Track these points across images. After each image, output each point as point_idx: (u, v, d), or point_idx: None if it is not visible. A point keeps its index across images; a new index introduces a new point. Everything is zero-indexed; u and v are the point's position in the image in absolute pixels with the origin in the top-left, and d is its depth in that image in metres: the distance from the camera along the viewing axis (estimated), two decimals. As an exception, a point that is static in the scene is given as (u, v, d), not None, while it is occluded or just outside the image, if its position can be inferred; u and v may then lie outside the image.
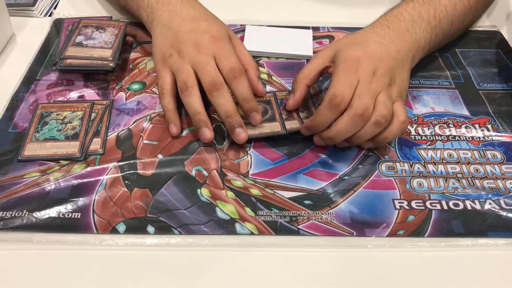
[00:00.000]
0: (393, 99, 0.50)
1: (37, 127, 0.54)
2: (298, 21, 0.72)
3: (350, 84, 0.49)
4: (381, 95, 0.49)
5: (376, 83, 0.49)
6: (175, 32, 0.55)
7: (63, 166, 0.50)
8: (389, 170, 0.51)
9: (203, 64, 0.52)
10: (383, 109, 0.48)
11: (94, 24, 0.65)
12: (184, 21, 0.56)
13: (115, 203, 0.47)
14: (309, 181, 0.50)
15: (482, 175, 0.51)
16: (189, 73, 0.52)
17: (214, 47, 0.53)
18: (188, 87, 0.52)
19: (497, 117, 0.58)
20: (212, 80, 0.51)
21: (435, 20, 0.59)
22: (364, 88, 0.49)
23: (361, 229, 0.46)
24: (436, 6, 0.60)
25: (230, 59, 0.53)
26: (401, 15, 0.58)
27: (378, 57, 0.52)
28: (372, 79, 0.50)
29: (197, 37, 0.54)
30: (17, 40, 0.68)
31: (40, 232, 0.45)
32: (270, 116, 0.56)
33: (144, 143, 0.53)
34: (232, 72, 0.52)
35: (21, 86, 0.60)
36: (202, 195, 0.48)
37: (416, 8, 0.59)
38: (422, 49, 0.58)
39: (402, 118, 0.50)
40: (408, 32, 0.56)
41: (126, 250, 0.44)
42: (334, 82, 0.50)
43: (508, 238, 0.46)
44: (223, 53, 0.53)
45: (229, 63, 0.52)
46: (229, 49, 0.54)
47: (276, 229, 0.46)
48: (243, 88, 0.52)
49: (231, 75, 0.52)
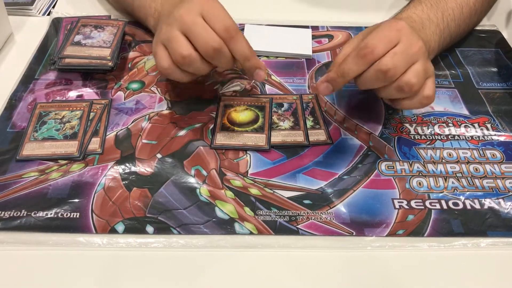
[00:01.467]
0: (430, 73, 0.49)
1: (36, 127, 0.54)
2: (297, 20, 0.72)
3: (387, 40, 0.47)
4: (419, 63, 0.48)
5: (419, 50, 0.48)
6: (169, 13, 0.52)
7: (61, 165, 0.50)
8: (388, 169, 0.51)
9: (192, 25, 0.48)
10: (412, 77, 0.47)
11: (92, 23, 0.65)
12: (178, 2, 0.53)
13: (114, 203, 0.47)
14: (309, 180, 0.50)
15: (482, 175, 0.51)
16: (178, 41, 0.48)
17: (201, 4, 0.49)
18: (185, 57, 0.48)
19: (496, 116, 0.58)
20: (207, 44, 0.47)
21: (443, 23, 0.59)
22: (403, 49, 0.47)
23: (360, 229, 0.46)
24: (444, 9, 0.60)
25: (221, 17, 0.48)
26: (411, 18, 0.57)
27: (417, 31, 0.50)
28: (416, 43, 0.48)
29: (186, 2, 0.50)
30: (16, 39, 0.68)
31: (39, 232, 0.45)
32: (293, 122, 0.56)
33: (143, 143, 0.53)
34: (227, 31, 0.48)
35: (20, 86, 0.59)
36: (201, 194, 0.48)
37: (425, 11, 0.58)
38: (432, 51, 0.58)
39: (429, 93, 0.48)
40: (420, 33, 0.56)
41: (125, 250, 0.44)
42: (371, 35, 0.48)
43: (507, 238, 0.46)
44: (213, 11, 0.49)
45: (221, 22, 0.48)
46: (217, 4, 0.50)
47: (276, 228, 0.46)
48: (242, 47, 0.49)
49: (227, 35, 0.48)
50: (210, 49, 0.48)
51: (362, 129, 0.55)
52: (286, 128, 0.55)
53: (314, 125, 0.55)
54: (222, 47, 0.48)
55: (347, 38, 0.69)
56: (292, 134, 0.54)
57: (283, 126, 0.55)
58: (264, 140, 0.53)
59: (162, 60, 0.50)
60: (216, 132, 0.54)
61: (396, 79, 0.47)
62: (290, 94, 0.60)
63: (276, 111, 0.57)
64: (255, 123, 0.55)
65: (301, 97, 0.59)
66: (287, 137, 0.54)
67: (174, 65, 0.50)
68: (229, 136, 0.54)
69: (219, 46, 0.48)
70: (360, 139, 0.54)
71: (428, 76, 0.49)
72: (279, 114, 0.57)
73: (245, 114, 0.56)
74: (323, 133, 0.55)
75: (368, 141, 0.54)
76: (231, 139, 0.53)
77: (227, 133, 0.54)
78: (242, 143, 0.53)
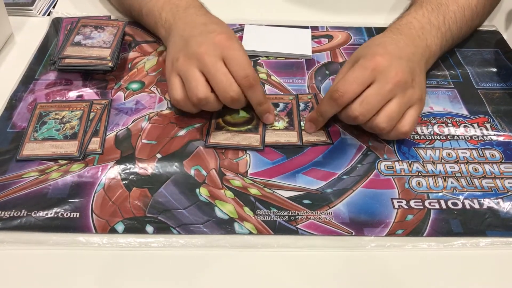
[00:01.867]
0: (412, 103, 0.50)
1: (36, 127, 0.54)
2: (297, 20, 0.72)
3: (358, 82, 0.48)
4: (394, 102, 0.49)
5: (395, 85, 0.48)
6: (185, 38, 0.53)
7: (61, 165, 0.50)
8: (388, 169, 0.51)
9: (213, 71, 0.49)
10: (382, 122, 0.48)
11: (92, 23, 0.65)
12: (195, 27, 0.54)
13: (114, 203, 0.47)
14: (308, 180, 0.50)
15: (481, 175, 0.51)
16: (197, 81, 0.50)
17: (222, 46, 0.50)
18: (202, 99, 0.50)
19: (495, 116, 0.58)
20: (227, 93, 0.49)
21: (445, 26, 0.59)
22: (374, 91, 0.48)
23: (360, 229, 0.46)
24: (446, 13, 0.60)
25: (242, 65, 0.50)
26: (411, 23, 0.57)
27: (398, 57, 0.51)
28: (392, 79, 0.48)
29: (204, 37, 0.52)
30: (16, 40, 0.68)
31: (39, 232, 0.45)
32: (288, 123, 0.56)
33: (143, 143, 0.53)
34: (247, 80, 0.50)
35: (20, 86, 0.60)
36: (201, 194, 0.48)
37: (425, 15, 0.58)
38: (434, 55, 0.58)
39: (404, 129, 0.50)
40: (419, 38, 0.56)
41: (125, 250, 0.44)
42: (346, 75, 0.50)
43: (506, 238, 0.46)
44: (234, 57, 0.50)
45: (243, 70, 0.50)
46: (239, 50, 0.51)
47: (275, 228, 0.46)
48: (258, 94, 0.52)
49: (246, 83, 0.50)
50: (229, 98, 0.50)
51: (361, 129, 0.55)
52: (281, 129, 0.55)
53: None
54: (240, 97, 0.50)
55: (346, 39, 0.70)
56: (286, 134, 0.54)
57: (277, 127, 0.55)
58: (259, 140, 0.54)
59: (176, 92, 0.52)
60: (211, 131, 0.54)
61: (368, 121, 0.49)
62: (286, 94, 0.60)
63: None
64: (250, 123, 0.55)
65: (297, 97, 0.59)
66: (281, 137, 0.54)
67: (187, 100, 0.51)
68: (224, 135, 0.54)
69: (237, 96, 0.50)
70: (359, 139, 0.54)
71: (411, 105, 0.50)
72: (275, 114, 0.57)
73: (239, 114, 0.56)
74: (323, 133, 0.55)
75: (368, 141, 0.54)
76: (226, 139, 0.53)
77: (222, 132, 0.54)
78: (236, 143, 0.53)
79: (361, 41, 0.69)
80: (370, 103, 0.48)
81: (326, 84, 0.62)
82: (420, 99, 0.51)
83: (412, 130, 0.50)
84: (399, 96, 0.49)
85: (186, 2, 0.60)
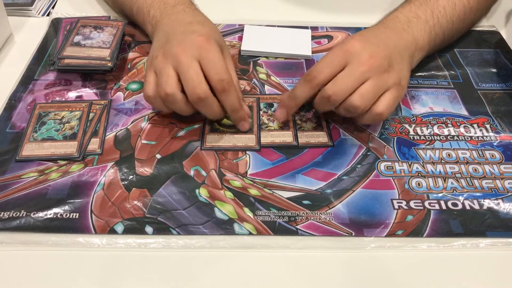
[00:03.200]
0: (387, 86, 0.50)
1: (35, 127, 0.54)
2: (297, 21, 0.72)
3: (332, 64, 0.49)
4: (368, 83, 0.48)
5: (369, 67, 0.48)
6: (168, 35, 0.53)
7: (61, 166, 0.50)
8: (387, 170, 0.51)
9: (185, 68, 0.48)
10: (356, 100, 0.48)
11: (92, 24, 0.65)
12: (180, 25, 0.54)
13: (113, 204, 0.47)
14: (308, 181, 0.50)
15: (481, 175, 0.51)
16: (169, 76, 0.49)
17: (200, 47, 0.50)
18: (169, 95, 0.49)
19: (495, 117, 0.58)
20: (194, 90, 0.48)
21: (433, 20, 0.59)
22: (347, 73, 0.48)
23: (359, 229, 0.46)
24: (434, 7, 0.60)
25: (217, 68, 0.49)
26: (396, 18, 0.58)
27: (375, 44, 0.51)
28: (365, 62, 0.49)
29: (184, 37, 0.51)
30: (15, 40, 0.68)
31: (38, 232, 0.45)
32: (282, 123, 0.56)
33: (142, 143, 0.53)
34: (220, 83, 0.49)
35: (19, 86, 0.59)
36: (201, 195, 0.48)
37: (412, 10, 0.59)
38: (421, 49, 0.58)
39: (379, 110, 0.49)
40: (405, 32, 0.56)
41: (124, 251, 0.44)
42: (320, 59, 0.50)
43: (506, 238, 0.46)
44: (210, 59, 0.49)
45: (217, 74, 0.49)
46: (216, 53, 0.50)
47: (275, 229, 0.46)
48: (232, 100, 0.50)
49: (220, 87, 0.49)
50: (196, 96, 0.49)
51: (361, 129, 0.55)
52: (276, 129, 0.55)
53: (316, 127, 0.55)
54: (207, 97, 0.49)
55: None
56: (282, 134, 0.54)
57: (272, 127, 0.55)
58: (254, 141, 0.53)
59: (148, 88, 0.51)
60: (206, 134, 0.54)
61: (342, 102, 0.49)
62: (280, 94, 0.60)
63: (266, 112, 0.57)
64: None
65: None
66: (276, 137, 0.54)
67: (158, 97, 0.51)
68: (219, 137, 0.54)
69: (204, 95, 0.49)
70: (359, 139, 0.54)
71: (387, 89, 0.50)
72: (269, 115, 0.57)
73: None
74: (324, 135, 0.55)
75: (368, 141, 0.54)
76: (221, 141, 0.53)
77: (217, 134, 0.54)
78: (232, 144, 0.53)
79: (361, 42, 0.69)
80: (343, 83, 0.48)
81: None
82: (398, 84, 0.50)
83: (388, 112, 0.50)
84: (373, 78, 0.49)
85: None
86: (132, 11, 0.65)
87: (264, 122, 0.56)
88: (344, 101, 0.49)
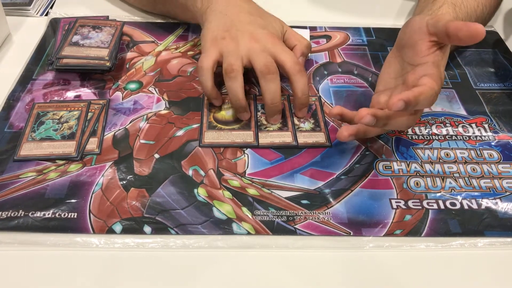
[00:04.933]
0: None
1: (34, 127, 0.54)
2: (295, 20, 0.72)
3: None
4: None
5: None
6: (232, 19, 0.56)
7: (59, 166, 0.50)
8: (386, 169, 0.51)
9: (258, 51, 0.53)
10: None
11: (90, 23, 0.65)
12: (241, 12, 0.57)
13: (112, 203, 0.47)
14: (306, 180, 0.50)
15: (479, 175, 0.51)
16: (237, 57, 0.53)
17: (271, 41, 0.54)
18: (234, 70, 0.52)
19: (493, 116, 0.58)
20: (265, 64, 0.52)
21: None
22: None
23: (358, 229, 0.46)
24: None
25: (288, 55, 0.53)
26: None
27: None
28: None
29: (256, 30, 0.55)
30: (13, 40, 0.68)
31: (36, 232, 0.45)
32: (281, 123, 0.56)
33: (141, 143, 0.53)
34: (292, 68, 0.53)
35: (17, 86, 0.59)
36: (199, 195, 0.48)
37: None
38: None
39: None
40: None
41: (123, 251, 0.44)
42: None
43: (504, 238, 0.46)
44: (281, 48, 0.54)
45: (289, 59, 0.53)
46: (285, 47, 0.55)
47: (273, 229, 0.46)
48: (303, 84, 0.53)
49: (292, 71, 0.53)
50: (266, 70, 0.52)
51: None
52: (275, 129, 0.55)
53: (315, 127, 0.55)
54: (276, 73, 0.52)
55: (345, 39, 0.70)
56: (281, 135, 0.54)
57: (271, 127, 0.55)
58: (252, 137, 0.54)
59: (207, 60, 0.53)
60: (204, 131, 0.54)
61: None
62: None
63: (264, 113, 0.57)
64: (241, 121, 0.55)
65: (288, 97, 0.59)
66: (275, 138, 0.54)
67: (211, 70, 0.53)
68: (217, 134, 0.54)
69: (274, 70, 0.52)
70: (358, 139, 0.54)
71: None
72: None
73: (230, 113, 0.56)
74: (323, 135, 0.55)
75: (366, 141, 0.54)
76: (219, 137, 0.53)
77: (215, 131, 0.54)
78: (230, 141, 0.53)
79: (359, 41, 0.69)
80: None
81: (324, 85, 0.62)
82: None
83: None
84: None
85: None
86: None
87: (262, 123, 0.56)
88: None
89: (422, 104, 0.45)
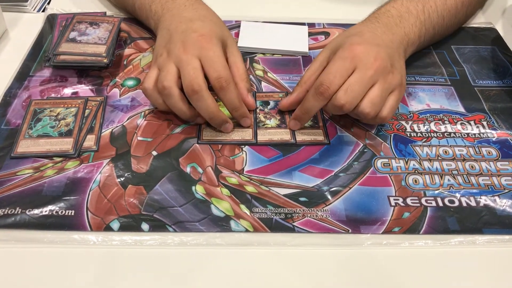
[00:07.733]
0: (392, 87, 0.51)
1: (31, 124, 0.53)
2: (294, 17, 0.71)
3: (341, 72, 0.49)
4: (376, 87, 0.49)
5: (375, 70, 0.49)
6: (171, 33, 0.54)
7: (56, 163, 0.50)
8: (384, 167, 0.51)
9: (185, 64, 0.50)
10: (367, 107, 0.49)
11: (88, 20, 0.65)
12: (181, 22, 0.55)
13: (109, 201, 0.47)
14: (304, 178, 0.50)
15: (478, 172, 0.51)
16: (168, 72, 0.51)
17: (200, 47, 0.51)
18: (166, 87, 0.50)
19: (492, 114, 0.58)
20: (189, 83, 0.49)
21: (424, 15, 0.59)
22: (357, 79, 0.49)
23: (356, 226, 0.46)
24: (425, 2, 0.60)
25: (216, 66, 0.50)
26: (388, 12, 0.58)
27: (376, 44, 0.52)
28: (371, 65, 0.49)
29: (186, 36, 0.53)
30: (10, 36, 0.67)
31: (33, 229, 0.44)
32: (280, 121, 0.55)
33: (139, 140, 0.53)
34: (218, 81, 0.50)
35: (14, 83, 0.59)
36: (197, 192, 0.48)
37: (404, 4, 0.59)
38: (412, 43, 0.59)
39: (384, 115, 0.51)
40: (397, 27, 0.57)
41: (120, 248, 0.44)
42: (327, 68, 0.51)
43: (503, 235, 0.46)
44: (210, 57, 0.51)
45: (216, 71, 0.50)
46: (216, 52, 0.51)
47: (271, 226, 0.45)
48: (231, 98, 0.51)
49: (218, 84, 0.50)
50: (190, 89, 0.49)
51: (358, 126, 0.55)
52: (273, 126, 0.55)
53: (313, 125, 0.55)
54: (202, 90, 0.49)
55: (343, 35, 0.69)
56: (279, 132, 0.54)
57: (269, 124, 0.55)
58: (251, 135, 0.53)
59: (148, 81, 0.53)
60: (202, 128, 0.54)
61: (354, 109, 0.50)
62: (276, 92, 0.60)
63: (262, 109, 0.57)
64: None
65: (286, 95, 0.59)
66: (274, 135, 0.54)
67: (155, 90, 0.52)
68: (216, 132, 0.54)
69: (198, 88, 0.49)
70: (356, 136, 0.54)
71: (392, 90, 0.51)
72: (266, 112, 0.57)
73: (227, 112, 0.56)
74: (321, 133, 0.54)
75: (364, 138, 0.54)
76: (218, 135, 0.53)
77: (213, 128, 0.54)
78: (229, 138, 0.53)
79: (358, 38, 0.69)
80: (354, 90, 0.49)
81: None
82: (400, 84, 0.52)
83: (391, 115, 0.52)
84: (380, 81, 0.50)
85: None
86: (134, 7, 0.65)
87: (261, 120, 0.56)
88: (355, 108, 0.50)
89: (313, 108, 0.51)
